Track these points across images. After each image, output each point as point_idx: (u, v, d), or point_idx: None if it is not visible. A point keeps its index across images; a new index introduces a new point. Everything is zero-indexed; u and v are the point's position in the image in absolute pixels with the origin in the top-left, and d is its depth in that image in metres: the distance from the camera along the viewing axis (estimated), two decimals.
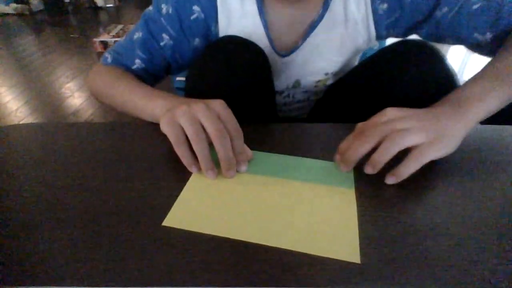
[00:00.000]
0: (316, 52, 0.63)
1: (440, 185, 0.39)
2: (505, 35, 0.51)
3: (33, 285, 0.27)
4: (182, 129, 0.39)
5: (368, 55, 0.68)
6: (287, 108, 0.75)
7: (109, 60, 0.60)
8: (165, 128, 0.40)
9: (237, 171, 0.39)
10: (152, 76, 0.62)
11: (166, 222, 0.33)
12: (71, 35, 3.10)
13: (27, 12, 3.70)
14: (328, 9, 0.59)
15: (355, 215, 0.34)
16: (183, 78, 0.87)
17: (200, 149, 0.38)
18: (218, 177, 0.39)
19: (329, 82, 0.71)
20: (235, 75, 0.50)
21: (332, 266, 0.29)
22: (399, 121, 0.38)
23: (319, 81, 0.69)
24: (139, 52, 0.58)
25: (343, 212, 0.35)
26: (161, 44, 0.57)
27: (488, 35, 0.52)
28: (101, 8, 4.03)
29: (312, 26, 0.60)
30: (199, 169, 0.39)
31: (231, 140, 0.39)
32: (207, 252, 0.30)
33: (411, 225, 0.33)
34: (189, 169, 0.39)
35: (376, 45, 0.86)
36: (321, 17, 0.59)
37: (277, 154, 0.43)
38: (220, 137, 0.38)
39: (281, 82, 0.67)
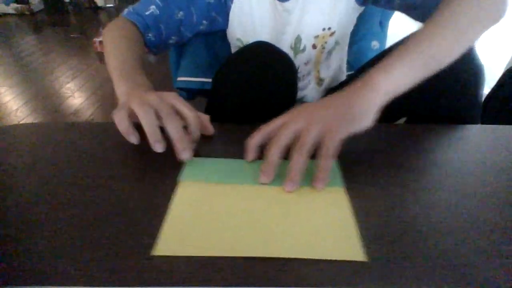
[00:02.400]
0: (315, 3, 0.66)
1: (440, 185, 0.39)
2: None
3: (33, 285, 0.27)
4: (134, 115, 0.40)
5: (369, 57, 0.68)
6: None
7: (125, 12, 0.63)
8: (115, 115, 0.41)
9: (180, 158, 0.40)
10: (161, 33, 0.64)
11: (158, 251, 0.30)
12: (71, 35, 3.10)
13: (27, 12, 3.70)
14: None
15: (350, 213, 0.34)
16: (184, 78, 0.87)
17: (147, 120, 0.38)
18: (204, 191, 0.37)
19: (328, 45, 0.72)
20: (263, 81, 0.51)
21: (332, 266, 0.29)
22: (292, 123, 0.39)
23: (317, 36, 0.70)
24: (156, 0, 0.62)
25: (338, 211, 0.35)
26: None
27: None
28: (101, 8, 4.02)
29: None
30: (137, 139, 0.40)
31: (188, 124, 0.41)
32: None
33: (411, 225, 0.33)
34: (127, 137, 0.40)
35: (376, 46, 0.86)
36: None
37: (260, 161, 0.41)
38: (170, 119, 0.39)
39: (285, 38, 0.69)
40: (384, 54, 0.60)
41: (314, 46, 0.72)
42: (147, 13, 0.61)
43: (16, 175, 0.40)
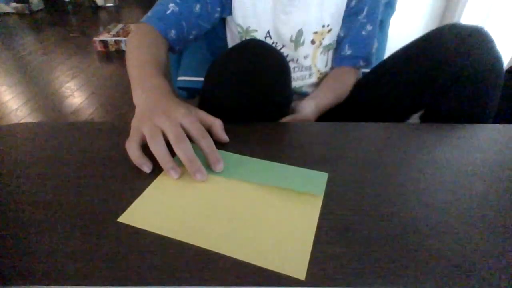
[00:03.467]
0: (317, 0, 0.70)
1: (440, 185, 0.39)
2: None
3: (33, 285, 0.27)
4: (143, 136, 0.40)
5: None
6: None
7: (144, 18, 0.64)
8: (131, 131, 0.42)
9: (214, 171, 0.40)
10: (182, 29, 0.66)
11: (122, 219, 0.33)
12: (71, 34, 3.10)
13: (27, 11, 3.69)
14: None
15: (314, 227, 0.33)
16: (184, 78, 0.87)
17: (158, 153, 0.39)
18: (185, 178, 0.39)
19: (324, 41, 0.75)
20: (255, 79, 0.51)
21: (332, 266, 0.29)
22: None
23: (316, 32, 0.73)
24: None
25: (304, 223, 0.34)
26: None
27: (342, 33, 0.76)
28: (101, 7, 4.02)
29: None
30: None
31: (198, 142, 0.40)
32: (207, 252, 0.30)
33: (411, 225, 0.33)
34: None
35: (375, 46, 0.86)
36: None
37: (252, 158, 0.43)
38: (178, 142, 0.39)
39: (286, 29, 0.72)
40: (437, 37, 0.59)
41: (313, 42, 0.74)
42: (168, 12, 0.63)
43: (16, 174, 0.40)
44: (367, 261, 0.29)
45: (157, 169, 0.40)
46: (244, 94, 0.51)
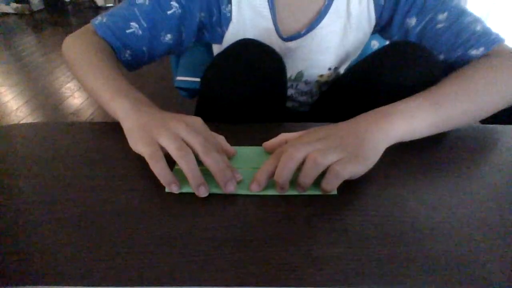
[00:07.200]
0: (322, 45, 0.64)
1: (440, 185, 0.39)
2: (459, 65, 0.50)
3: (33, 285, 0.27)
4: (160, 146, 0.37)
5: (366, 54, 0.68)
6: (291, 101, 0.76)
7: (97, 22, 0.55)
8: (140, 148, 0.37)
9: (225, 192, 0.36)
10: (142, 54, 0.58)
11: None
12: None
13: (27, 12, 3.70)
14: (334, 1, 0.61)
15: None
16: (184, 78, 0.87)
17: (187, 163, 0.35)
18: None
19: (332, 77, 0.71)
20: (253, 79, 0.51)
21: (332, 266, 0.29)
22: (317, 142, 0.37)
23: (322, 75, 0.69)
24: (139, 17, 0.54)
25: None
26: (168, 12, 0.56)
27: (442, 56, 0.55)
28: (101, 7, 4.02)
29: (319, 16, 0.62)
30: (179, 187, 0.36)
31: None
32: (207, 252, 0.30)
33: (411, 225, 0.33)
34: (169, 188, 0.36)
35: (376, 45, 0.86)
36: (327, 6, 0.61)
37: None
38: (209, 151, 0.36)
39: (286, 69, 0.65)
40: (382, 51, 0.59)
41: (317, 82, 0.71)
42: (128, 31, 0.55)
43: (16, 175, 0.40)
44: (367, 261, 0.29)
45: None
46: (241, 93, 0.51)
